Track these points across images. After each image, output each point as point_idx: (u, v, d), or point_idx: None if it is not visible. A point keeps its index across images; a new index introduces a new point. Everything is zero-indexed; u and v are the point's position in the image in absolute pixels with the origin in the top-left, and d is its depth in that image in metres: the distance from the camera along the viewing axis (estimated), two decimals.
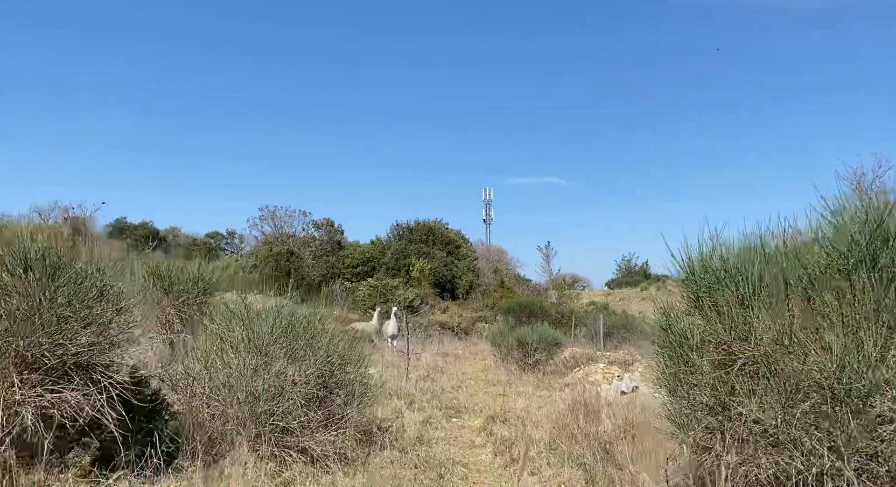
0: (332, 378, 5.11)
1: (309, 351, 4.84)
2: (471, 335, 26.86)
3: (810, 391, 2.79)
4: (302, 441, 4.58)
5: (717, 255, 3.42)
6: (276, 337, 4.75)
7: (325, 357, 4.87)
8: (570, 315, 29.62)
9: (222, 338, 4.76)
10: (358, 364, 5.37)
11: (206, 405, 4.61)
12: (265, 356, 4.66)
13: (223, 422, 4.52)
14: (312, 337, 4.85)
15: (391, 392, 8.00)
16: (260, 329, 4.69)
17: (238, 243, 47.85)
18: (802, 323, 2.91)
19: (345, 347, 5.35)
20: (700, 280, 3.54)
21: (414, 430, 6.06)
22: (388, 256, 38.66)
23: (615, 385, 10.97)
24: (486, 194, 62.89)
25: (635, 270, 62.36)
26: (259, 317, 4.80)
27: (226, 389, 4.52)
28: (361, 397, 5.36)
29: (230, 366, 4.56)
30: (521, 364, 14.28)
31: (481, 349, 19.34)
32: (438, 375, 12.35)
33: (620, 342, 23.24)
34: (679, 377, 3.35)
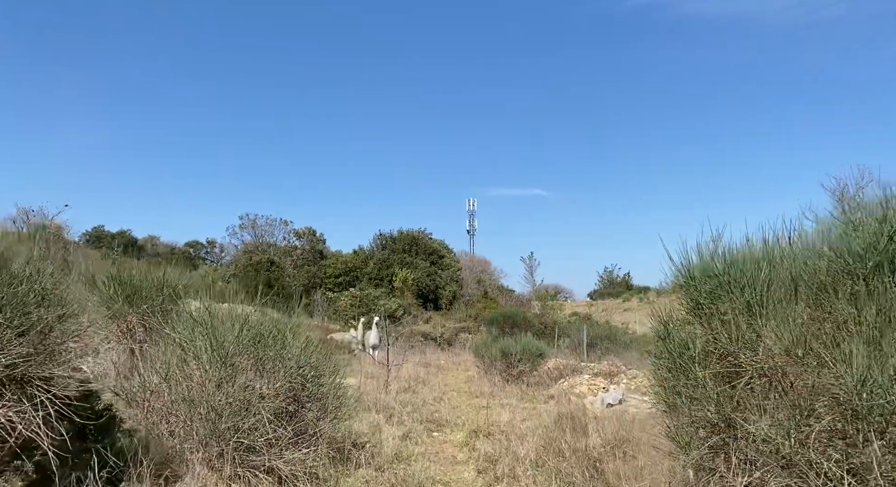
0: (304, 391, 4.76)
1: (279, 362, 4.49)
2: (454, 345, 26.51)
3: (827, 407, 2.52)
4: (269, 460, 4.22)
5: (719, 258, 3.16)
6: (242, 347, 4.40)
7: (296, 369, 4.52)
8: (553, 326, 29.43)
9: (184, 348, 4.39)
10: (333, 376, 5.02)
11: (164, 420, 4.24)
12: (230, 367, 4.30)
13: (182, 440, 4.14)
14: (282, 347, 4.50)
15: (370, 405, 7.63)
16: (225, 339, 4.33)
17: (218, 253, 47.09)
18: (817, 332, 2.65)
19: (319, 357, 5.01)
20: (701, 286, 3.27)
21: (392, 446, 5.71)
22: (371, 266, 38.23)
23: (601, 397, 10.71)
24: (470, 205, 62.76)
25: (617, 281, 62.59)
26: (224, 325, 4.44)
27: (186, 403, 4.15)
28: (336, 411, 5.01)
29: (191, 379, 4.19)
30: (505, 375, 13.97)
31: (464, 360, 18.98)
32: (420, 386, 11.99)
33: (604, 352, 23.07)
34: (679, 391, 3.07)
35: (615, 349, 23.85)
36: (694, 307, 3.34)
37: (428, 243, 41.42)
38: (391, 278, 36.49)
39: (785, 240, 3.21)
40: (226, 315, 4.57)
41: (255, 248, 34.27)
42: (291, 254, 34.14)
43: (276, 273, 31.46)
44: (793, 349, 2.64)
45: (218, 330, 4.31)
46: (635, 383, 13.03)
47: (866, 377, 2.38)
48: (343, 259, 39.43)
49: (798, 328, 2.67)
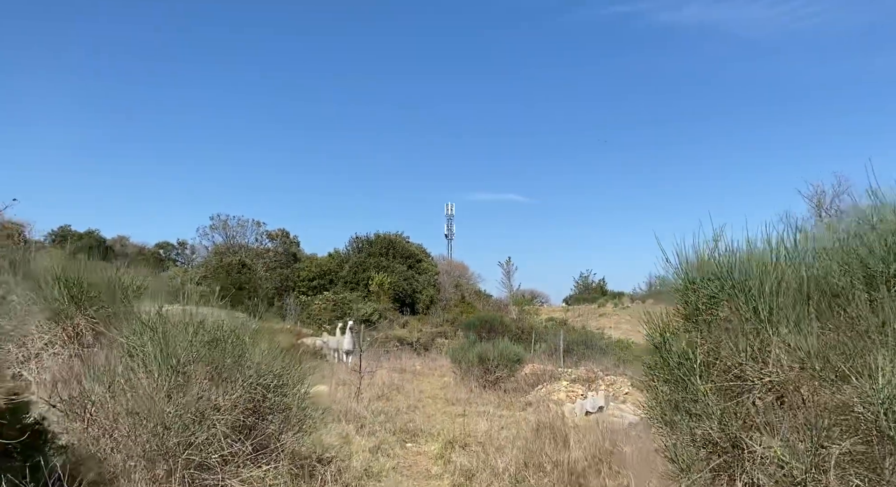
0: (265, 402, 4.37)
1: (237, 370, 4.10)
2: (430, 350, 26.14)
3: (849, 427, 2.24)
4: (224, 479, 3.82)
5: (722, 258, 2.88)
6: (197, 354, 3.99)
7: (256, 377, 4.13)
8: (530, 331, 29.26)
9: (132, 355, 3.97)
10: (297, 385, 4.64)
11: (107, 435, 3.81)
12: (182, 376, 3.89)
13: (126, 456, 3.72)
14: (241, 354, 4.11)
15: (340, 415, 7.24)
16: (177, 344, 3.92)
17: (189, 255, 45.99)
18: (834, 342, 2.37)
19: (283, 365, 4.62)
20: (700, 289, 2.99)
21: (362, 460, 5.33)
22: (346, 269, 37.62)
23: (580, 405, 10.46)
24: (448, 209, 62.61)
25: (592, 286, 62.94)
26: (177, 330, 4.03)
27: (132, 416, 3.73)
28: (300, 423, 4.62)
29: (138, 389, 3.78)
30: (482, 382, 13.65)
31: (441, 365, 18.62)
32: (394, 393, 11.60)
33: (580, 358, 22.91)
34: (677, 406, 2.78)
35: (592, 355, 23.72)
36: (692, 312, 3.05)
37: (405, 246, 40.96)
38: (367, 281, 35.94)
39: (790, 241, 2.94)
40: (180, 318, 4.16)
41: (227, 249, 33.43)
42: (264, 256, 33.37)
43: (248, 275, 30.72)
44: (808, 362, 2.36)
45: (169, 335, 3.90)
46: (613, 389, 12.83)
47: (894, 394, 2.11)
48: (318, 262, 38.74)
49: (814, 338, 2.39)
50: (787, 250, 2.87)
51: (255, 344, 4.39)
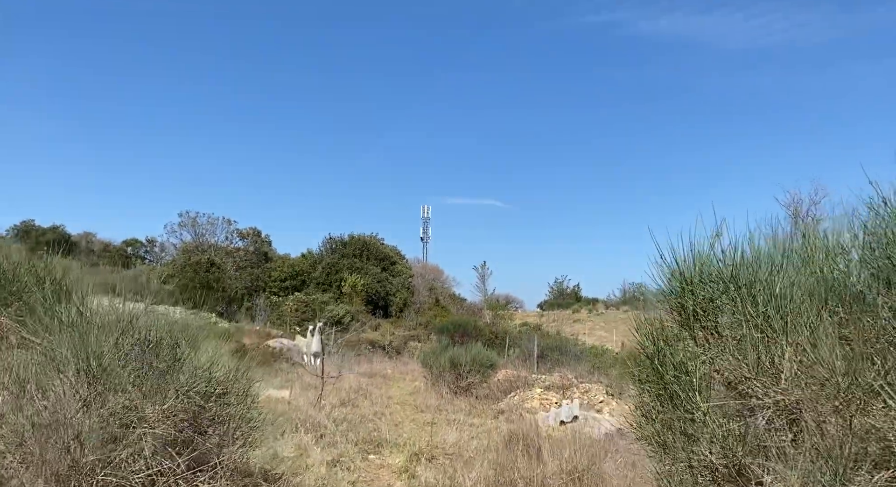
0: (205, 413, 3.87)
1: (171, 377, 3.60)
2: (402, 354, 25.64)
3: (880, 457, 1.86)
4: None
5: (727, 256, 2.50)
6: (124, 357, 3.49)
7: (190, 384, 3.63)
8: (503, 336, 28.94)
9: (46, 357, 3.45)
10: (245, 392, 4.14)
11: (11, 452, 3.28)
12: (105, 383, 3.38)
13: (33, 477, 3.20)
14: (176, 359, 3.61)
15: (299, 423, 6.73)
16: (101, 347, 3.41)
17: (159, 252, 44.72)
18: (859, 355, 1.99)
19: (228, 370, 4.12)
20: (698, 292, 2.61)
21: (317, 476, 4.86)
22: (319, 270, 36.89)
23: (553, 413, 10.11)
24: (425, 212, 62.10)
25: (567, 292, 63.00)
26: (102, 329, 3.52)
27: (40, 429, 3.21)
28: (246, 436, 4.13)
29: (48, 398, 3.26)
30: (453, 387, 13.22)
31: (412, 370, 18.15)
32: (361, 399, 11.10)
33: (554, 364, 22.64)
34: (674, 427, 2.38)
35: (566, 361, 23.46)
36: (688, 318, 2.66)
37: (380, 248, 40.39)
38: (340, 283, 35.28)
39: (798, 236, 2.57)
40: (108, 316, 3.65)
41: (195, 248, 32.45)
42: (234, 255, 32.48)
43: (216, 274, 29.83)
44: (831, 378, 1.98)
45: (91, 335, 3.39)
46: (588, 397, 12.51)
47: None
48: (290, 263, 37.93)
49: (836, 350, 2.01)
50: (796, 248, 2.50)
51: (195, 347, 3.88)
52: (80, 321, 3.47)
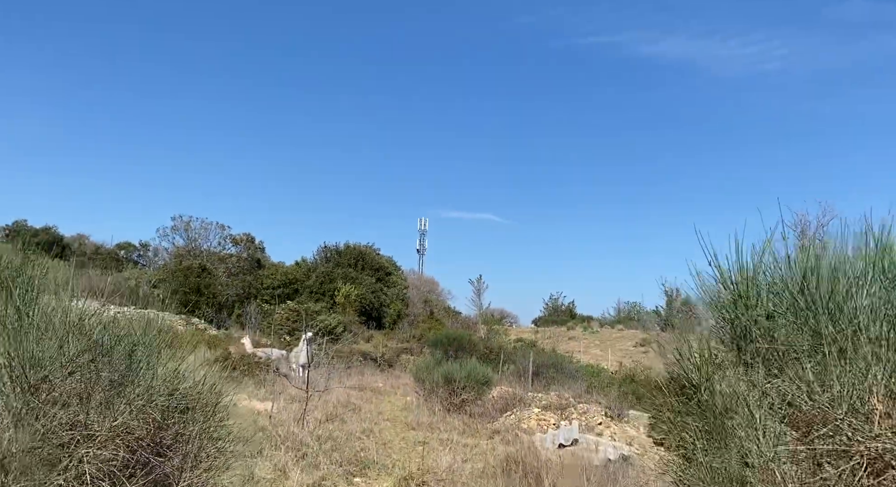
0: (166, 431, 3.37)
1: (125, 389, 3.10)
2: (395, 367, 25.02)
3: None
4: None
5: (798, 262, 2.04)
6: (70, 365, 2.99)
7: (147, 397, 3.13)
8: (498, 351, 28.35)
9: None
10: (213, 408, 3.64)
11: None
12: (44, 394, 2.89)
13: None
14: (129, 369, 3.11)
15: (279, 441, 6.20)
16: (41, 352, 2.92)
17: (152, 257, 44.09)
18: None
19: (196, 381, 3.63)
20: (752, 306, 2.14)
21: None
22: (313, 278, 36.29)
23: (552, 435, 9.58)
24: (422, 225, 61.72)
25: (562, 309, 62.41)
26: (47, 331, 3.03)
27: None
28: (212, 458, 3.62)
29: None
30: (447, 404, 12.68)
31: (404, 384, 17.60)
32: (350, 414, 10.55)
33: (549, 381, 22.09)
34: (731, 477, 1.90)
35: (561, 379, 22.89)
36: (740, 337, 2.20)
37: (375, 258, 39.84)
38: (333, 292, 34.67)
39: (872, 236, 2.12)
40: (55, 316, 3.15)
41: (187, 252, 31.86)
42: (226, 261, 31.89)
43: (207, 280, 29.22)
44: None
45: (29, 338, 2.90)
46: (587, 418, 11.98)
47: None
48: (283, 270, 37.32)
49: None
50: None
51: (155, 354, 3.39)
52: (18, 322, 2.97)
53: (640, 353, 39.34)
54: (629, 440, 9.73)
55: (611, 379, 20.56)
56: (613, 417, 12.66)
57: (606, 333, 50.11)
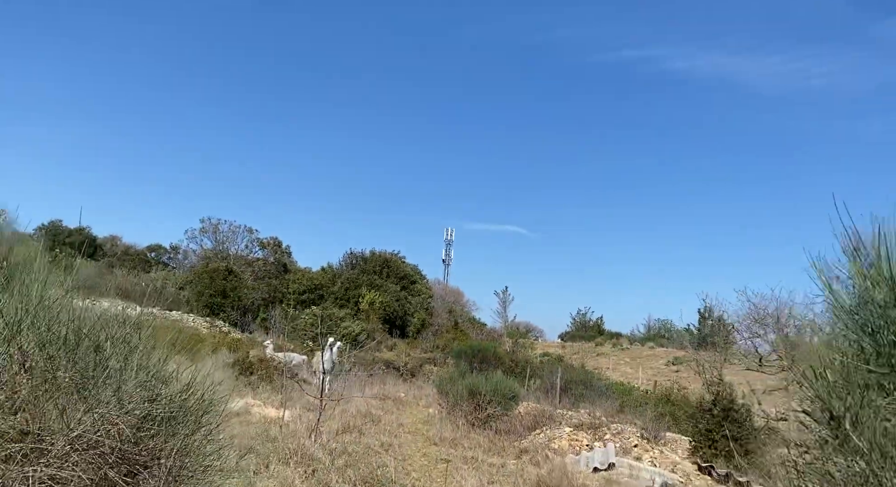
0: (140, 445, 2.81)
1: (89, 392, 2.56)
2: (417, 377, 24.40)
3: None
4: None
5: None
6: (23, 363, 2.46)
7: (118, 404, 2.57)
8: (524, 365, 27.50)
9: None
10: (198, 417, 3.07)
11: None
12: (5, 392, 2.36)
13: None
14: (96, 365, 2.56)
15: (288, 454, 5.63)
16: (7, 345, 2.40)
17: (181, 259, 44.49)
18: None
19: (184, 386, 3.07)
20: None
21: None
22: (338, 285, 35.99)
23: (585, 458, 8.82)
24: (448, 235, 61.17)
25: (589, 324, 60.97)
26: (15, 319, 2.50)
27: None
28: (199, 477, 3.05)
29: None
30: (471, 419, 11.99)
31: (427, 394, 16.97)
32: (369, 425, 9.95)
33: (577, 398, 21.21)
34: None
35: (591, 396, 21.95)
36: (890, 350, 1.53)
37: (400, 266, 39.41)
38: (358, 299, 34.29)
39: None
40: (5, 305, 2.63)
41: (215, 255, 31.84)
42: (253, 264, 31.76)
43: (233, 283, 29.08)
44: None
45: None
46: (621, 439, 11.16)
47: None
48: (309, 276, 37.13)
49: None
50: None
51: (135, 353, 2.84)
52: None
53: (671, 372, 37.94)
54: (671, 465, 8.91)
55: (644, 398, 19.56)
56: (650, 439, 11.80)
57: (636, 350, 48.62)
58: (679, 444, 11.90)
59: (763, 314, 14.47)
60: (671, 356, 42.72)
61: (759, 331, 15.88)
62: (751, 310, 15.25)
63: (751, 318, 15.18)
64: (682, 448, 11.72)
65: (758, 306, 15.21)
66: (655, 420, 12.42)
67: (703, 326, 53.85)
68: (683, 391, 15.76)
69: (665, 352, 44.94)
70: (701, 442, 9.77)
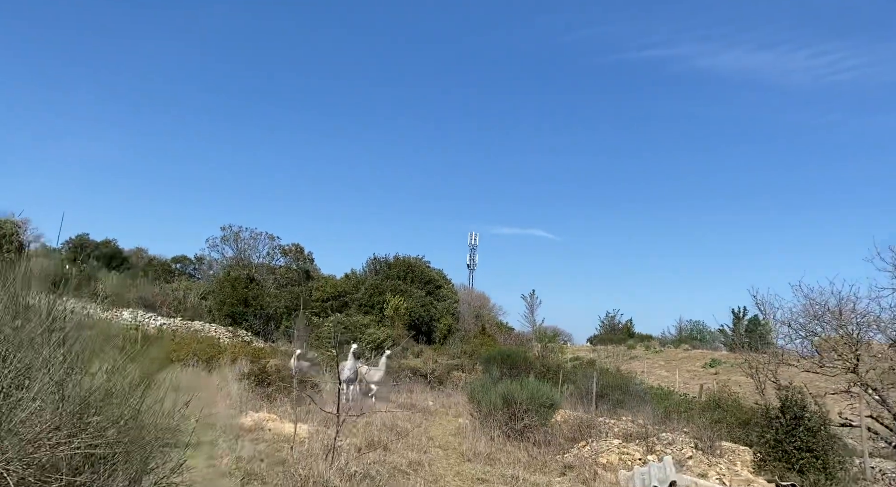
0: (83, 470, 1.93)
1: None
2: (445, 384, 23.42)
3: None
4: None
5: None
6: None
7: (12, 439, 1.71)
8: (556, 369, 26.31)
9: None
10: (146, 453, 2.19)
11: None
12: None
13: None
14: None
15: (299, 481, 4.74)
16: None
17: (206, 270, 44.32)
18: None
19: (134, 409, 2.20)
20: None
21: None
22: (362, 291, 35.22)
23: (640, 475, 7.77)
24: (472, 239, 60.28)
25: (619, 327, 59.32)
26: None
27: None
28: None
29: None
30: (506, 430, 11.00)
31: (456, 403, 16.03)
32: (395, 439, 9.04)
33: (615, 405, 19.98)
34: None
35: (629, 402, 20.67)
36: None
37: (425, 270, 38.50)
38: (382, 305, 33.45)
39: None
40: None
41: (236, 263, 31.35)
42: (275, 272, 31.18)
43: (255, 291, 28.51)
44: None
45: None
46: (673, 452, 10.04)
47: None
48: (333, 283, 36.45)
49: None
50: None
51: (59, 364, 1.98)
52: None
53: (710, 374, 36.32)
54: (745, 484, 7.81)
55: (688, 404, 18.30)
56: (704, 450, 10.65)
57: (670, 352, 46.93)
58: (738, 455, 10.73)
59: (822, 310, 13.19)
60: (708, 358, 41.01)
61: (817, 328, 14.56)
62: (807, 305, 13.97)
63: (808, 314, 13.90)
64: (740, 460, 10.56)
65: (815, 300, 13.92)
66: (710, 429, 11.25)
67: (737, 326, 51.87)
68: (734, 395, 14.52)
69: (701, 354, 43.19)
70: (768, 454, 8.64)
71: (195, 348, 15.97)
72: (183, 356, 15.75)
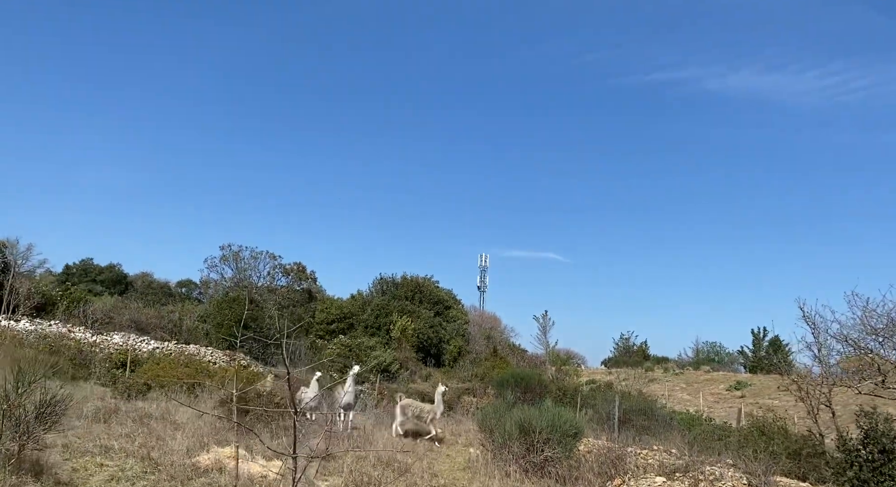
0: None
1: None
2: (455, 410, 21.72)
3: None
4: None
5: None
6: None
7: None
8: (573, 393, 24.54)
9: None
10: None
11: None
12: None
13: None
14: None
15: None
16: None
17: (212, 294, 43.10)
18: None
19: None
20: None
21: None
22: (368, 312, 33.78)
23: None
24: (483, 261, 58.99)
25: (633, 349, 57.27)
26: None
27: None
28: None
29: None
30: (524, 463, 9.46)
31: (466, 430, 14.46)
32: (392, 478, 7.55)
33: (640, 431, 18.16)
34: None
35: (655, 428, 18.83)
36: None
37: (434, 291, 37.02)
38: (389, 326, 31.96)
39: None
40: None
41: (235, 284, 30.05)
42: (276, 292, 29.84)
43: (255, 313, 27.14)
44: None
45: None
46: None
47: None
48: (338, 304, 35.06)
49: None
50: None
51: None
52: None
53: (735, 397, 34.33)
54: None
55: (723, 430, 16.54)
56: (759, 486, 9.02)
57: (691, 375, 44.77)
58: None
59: (887, 323, 11.60)
60: (732, 380, 38.93)
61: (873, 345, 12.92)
62: (864, 318, 12.38)
63: (865, 327, 12.30)
64: None
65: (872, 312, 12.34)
66: (762, 461, 9.61)
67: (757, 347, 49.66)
68: (780, 421, 12.85)
69: (723, 376, 41.07)
70: None
71: (179, 372, 14.57)
72: (167, 382, 14.41)
